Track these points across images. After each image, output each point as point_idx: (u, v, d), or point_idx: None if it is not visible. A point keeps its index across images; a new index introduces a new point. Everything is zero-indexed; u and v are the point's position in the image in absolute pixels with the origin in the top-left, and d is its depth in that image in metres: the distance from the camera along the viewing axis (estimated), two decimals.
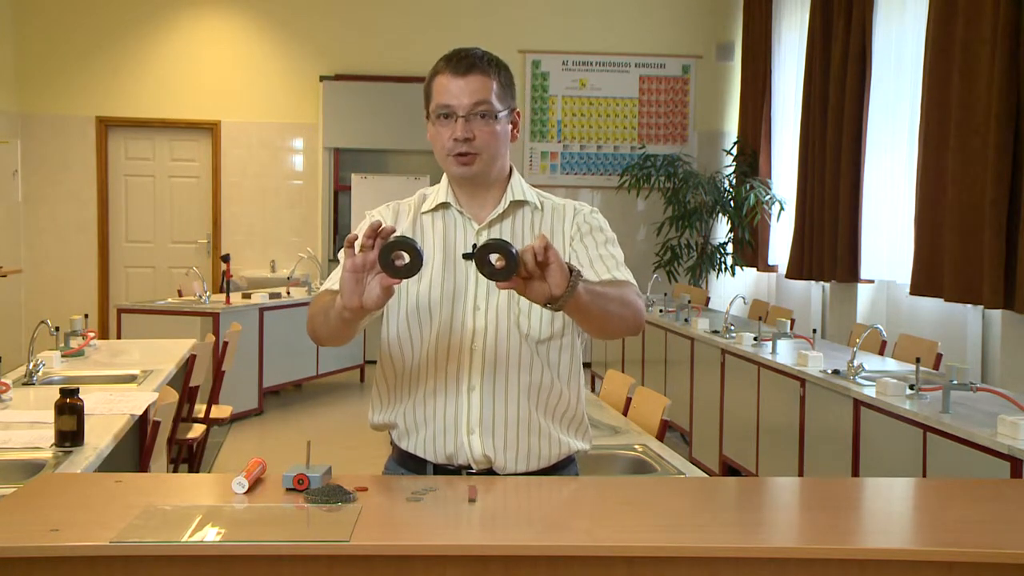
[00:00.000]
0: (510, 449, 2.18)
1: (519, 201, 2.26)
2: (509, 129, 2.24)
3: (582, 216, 2.27)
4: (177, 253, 9.82)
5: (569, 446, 2.25)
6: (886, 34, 6.96)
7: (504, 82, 2.23)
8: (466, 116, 2.15)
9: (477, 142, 2.16)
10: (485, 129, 2.17)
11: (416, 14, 9.77)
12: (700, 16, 10.11)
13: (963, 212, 5.64)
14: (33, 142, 9.45)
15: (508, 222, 2.24)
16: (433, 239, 2.24)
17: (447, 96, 2.16)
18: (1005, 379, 5.48)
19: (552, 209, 2.28)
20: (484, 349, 2.16)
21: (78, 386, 3.07)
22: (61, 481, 2.34)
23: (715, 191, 9.11)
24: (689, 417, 6.31)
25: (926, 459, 3.69)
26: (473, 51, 2.21)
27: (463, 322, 2.17)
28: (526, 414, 2.18)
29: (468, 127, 2.15)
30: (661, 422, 3.30)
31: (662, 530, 1.87)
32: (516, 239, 2.21)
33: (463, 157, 2.17)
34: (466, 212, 2.24)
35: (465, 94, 2.15)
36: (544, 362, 2.19)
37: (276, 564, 1.75)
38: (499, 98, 2.19)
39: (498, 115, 2.18)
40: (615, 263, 2.21)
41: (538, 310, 2.16)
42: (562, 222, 2.26)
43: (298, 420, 7.28)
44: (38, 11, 9.42)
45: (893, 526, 2.06)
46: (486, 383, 2.16)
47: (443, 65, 2.19)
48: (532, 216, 2.26)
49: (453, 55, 2.19)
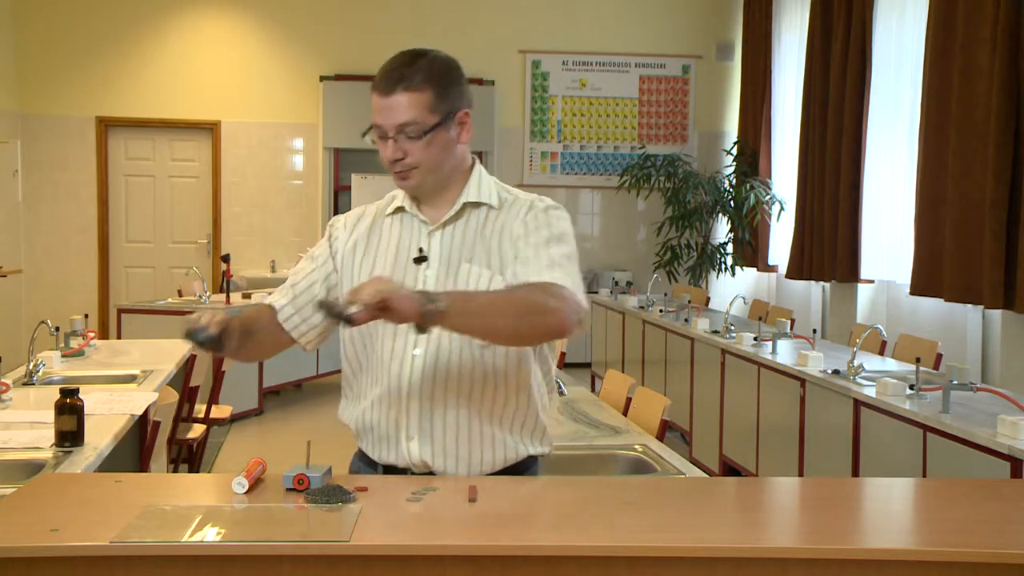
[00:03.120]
0: (449, 456, 2.16)
1: (474, 203, 2.19)
2: (454, 134, 2.14)
3: (533, 213, 2.17)
4: (177, 253, 9.82)
5: (517, 451, 2.20)
6: (886, 34, 6.96)
7: (442, 89, 2.12)
8: (394, 137, 2.10)
9: (409, 159, 2.11)
10: (415, 147, 2.10)
11: (416, 14, 9.76)
12: (700, 16, 10.11)
13: (963, 212, 5.64)
14: (33, 142, 9.45)
15: (460, 224, 2.18)
16: (388, 243, 2.22)
17: (376, 115, 2.11)
18: (1005, 379, 5.48)
19: (509, 207, 2.19)
20: (425, 355, 2.13)
21: (78, 386, 3.07)
22: (61, 481, 2.34)
23: (715, 191, 9.11)
24: (689, 417, 6.31)
25: (926, 459, 3.69)
26: (402, 64, 2.11)
27: (407, 328, 2.12)
28: (466, 421, 2.15)
29: (397, 147, 2.10)
30: (661, 422, 3.30)
31: (662, 530, 1.87)
32: (467, 241, 2.16)
33: (400, 174, 2.14)
34: (424, 214, 2.20)
35: (391, 115, 2.09)
36: (487, 368, 2.14)
37: (276, 564, 1.76)
38: (432, 110, 2.09)
39: (429, 132, 2.09)
40: (546, 264, 2.08)
41: None
42: (513, 220, 2.17)
43: (298, 420, 7.28)
44: (38, 11, 9.42)
45: (893, 526, 2.06)
46: (425, 389, 2.14)
47: (375, 80, 2.12)
48: (485, 217, 2.19)
49: (382, 69, 2.12)
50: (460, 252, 2.16)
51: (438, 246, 2.17)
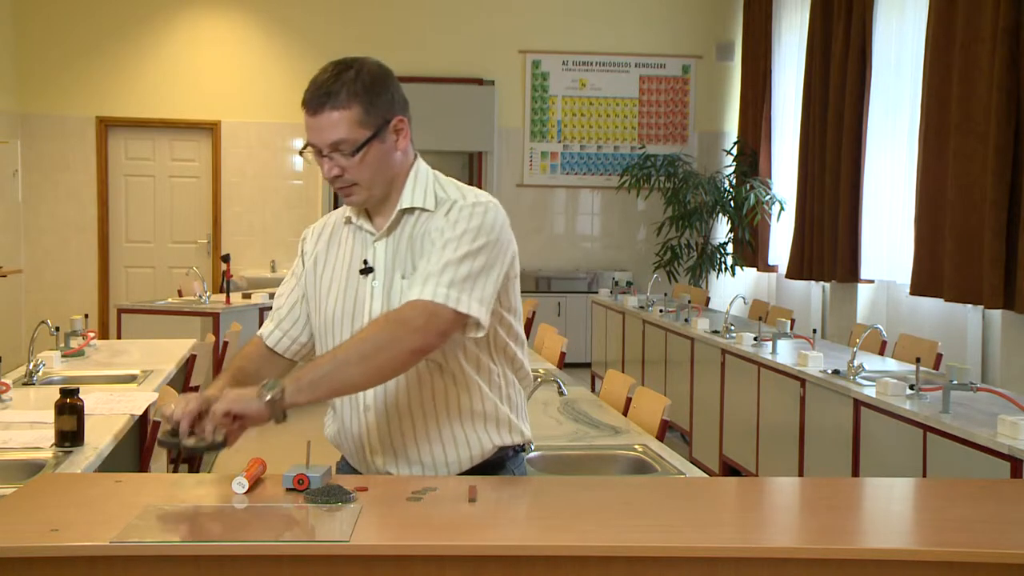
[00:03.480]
0: (414, 464, 2.17)
1: (408, 209, 2.15)
2: (390, 143, 2.11)
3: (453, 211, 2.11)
4: (177, 253, 9.81)
5: (483, 446, 2.18)
6: (886, 34, 6.96)
7: (369, 102, 2.07)
8: (328, 155, 2.08)
9: (347, 176, 2.09)
10: (351, 163, 2.08)
11: (416, 14, 9.76)
12: (700, 16, 10.11)
13: (963, 212, 5.63)
14: (33, 142, 9.45)
15: (398, 232, 2.16)
16: (341, 254, 2.22)
17: (308, 134, 2.10)
18: (1005, 379, 5.48)
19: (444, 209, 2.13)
20: None
21: (78, 386, 3.07)
22: (61, 481, 2.34)
23: (715, 191, 9.11)
24: (689, 417, 6.31)
25: (926, 459, 3.69)
26: (326, 81, 2.08)
27: None
28: (423, 426, 2.15)
29: (332, 164, 2.09)
30: (661, 422, 3.29)
31: (662, 530, 1.87)
32: (401, 249, 2.14)
33: (343, 190, 2.12)
34: (368, 224, 2.19)
35: (321, 134, 2.07)
36: (435, 371, 2.13)
37: (276, 564, 1.75)
38: (361, 124, 2.06)
39: (361, 148, 2.07)
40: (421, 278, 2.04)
41: None
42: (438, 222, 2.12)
43: (298, 420, 7.25)
44: (38, 11, 9.42)
45: (893, 526, 2.06)
46: (378, 401, 2.15)
47: (304, 97, 2.10)
48: (421, 222, 2.15)
49: (309, 87, 2.09)
50: (395, 263, 2.15)
51: (383, 256, 2.16)
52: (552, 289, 9.72)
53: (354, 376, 1.99)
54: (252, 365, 2.26)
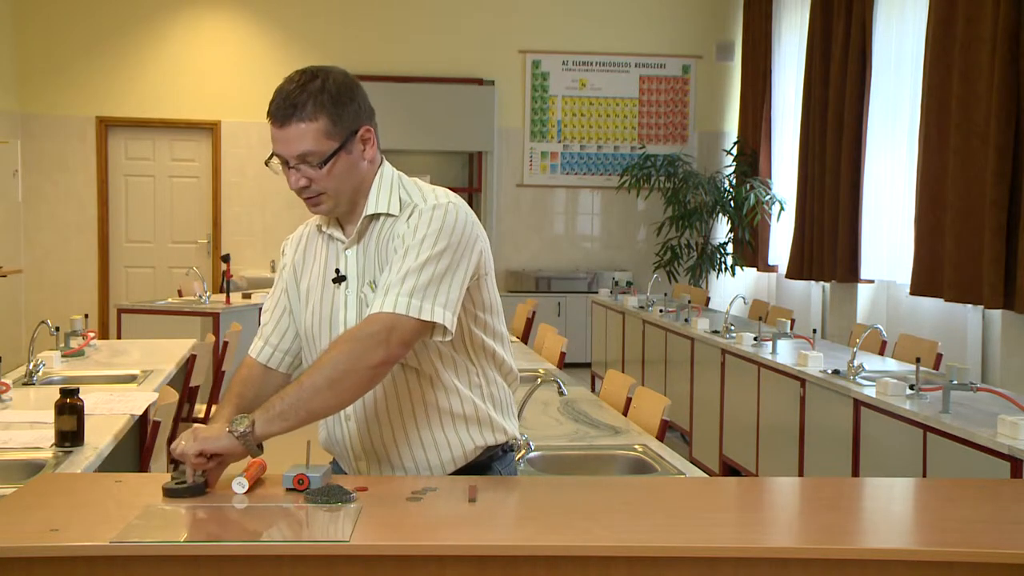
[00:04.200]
0: (397, 469, 2.18)
1: (373, 215, 2.14)
2: (357, 153, 2.10)
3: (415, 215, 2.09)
4: (177, 253, 9.81)
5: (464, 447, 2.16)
6: (886, 34, 6.96)
7: (335, 114, 2.05)
8: (295, 167, 2.08)
9: (315, 186, 2.08)
10: (319, 174, 2.07)
11: (416, 14, 9.76)
12: (700, 16, 10.11)
13: (963, 212, 5.63)
14: (33, 142, 9.45)
15: (366, 239, 2.15)
16: (317, 263, 2.23)
17: (275, 145, 2.10)
18: (1005, 379, 5.48)
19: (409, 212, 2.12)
20: None
21: (78, 386, 3.07)
22: (61, 481, 2.34)
23: (715, 191, 9.11)
24: (689, 417, 6.31)
25: (926, 459, 3.69)
26: (292, 92, 2.05)
27: None
28: (403, 432, 2.15)
29: (299, 176, 2.08)
30: (661, 422, 3.29)
31: (662, 530, 1.87)
32: (369, 256, 2.14)
33: (309, 201, 2.12)
34: (338, 232, 2.18)
35: (288, 145, 2.07)
36: (412, 375, 2.13)
37: (276, 564, 1.75)
38: (328, 135, 2.05)
39: (328, 159, 2.06)
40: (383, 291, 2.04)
41: None
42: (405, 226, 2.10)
43: None
44: (38, 11, 9.41)
45: (893, 526, 2.06)
46: (358, 410, 2.15)
47: (270, 107, 2.08)
48: (387, 227, 2.13)
49: (275, 98, 2.07)
50: (365, 270, 2.15)
51: (354, 263, 2.16)
52: (552, 289, 9.73)
53: (327, 401, 2.01)
54: (251, 390, 2.23)
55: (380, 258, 2.13)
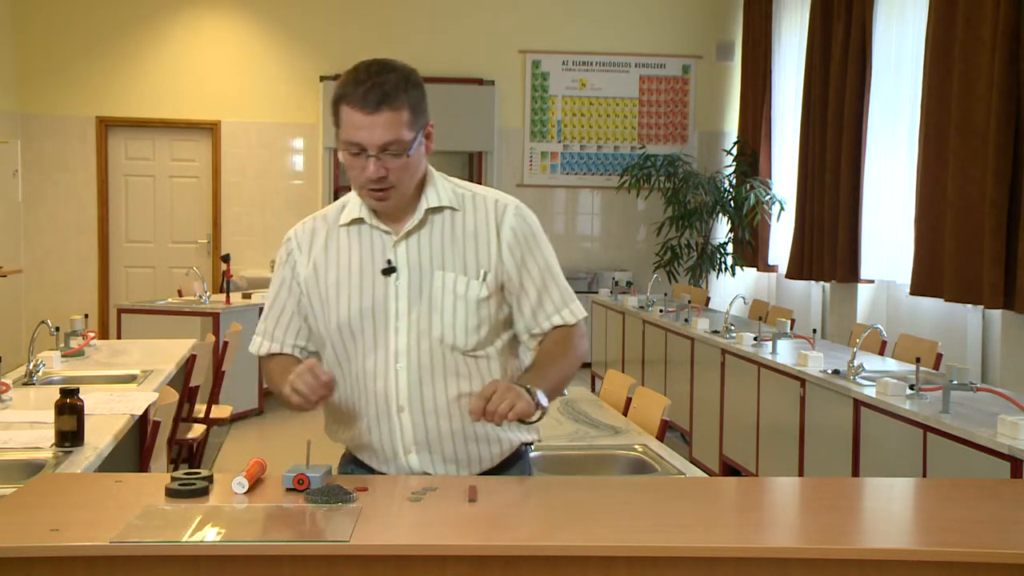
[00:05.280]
0: (449, 463, 2.18)
1: (435, 208, 2.17)
2: (423, 147, 2.12)
3: (512, 217, 2.17)
4: (177, 253, 9.81)
5: (511, 442, 2.23)
6: (886, 34, 6.96)
7: (415, 103, 2.08)
8: (377, 155, 2.06)
9: (391, 178, 2.08)
10: (397, 164, 2.07)
11: (416, 14, 9.76)
12: (700, 16, 10.11)
13: (963, 212, 5.63)
14: (33, 142, 9.45)
15: (425, 232, 2.16)
16: (349, 255, 2.19)
17: (356, 133, 2.04)
18: (1005, 379, 5.48)
19: (474, 207, 2.18)
20: (408, 368, 2.13)
21: (78, 386, 3.07)
22: (61, 481, 2.34)
23: (715, 191, 9.11)
24: (689, 417, 6.31)
25: (926, 459, 3.69)
26: (382, 79, 2.04)
27: (385, 342, 2.14)
28: (460, 426, 2.15)
29: (380, 165, 2.06)
30: (661, 422, 3.29)
31: (662, 530, 1.87)
32: (435, 247, 2.15)
33: (377, 193, 2.10)
34: (383, 224, 2.17)
35: (375, 133, 2.03)
36: (473, 371, 2.15)
37: (276, 564, 1.75)
38: (410, 126, 2.06)
39: (411, 148, 2.08)
40: (560, 299, 2.20)
41: (463, 320, 2.13)
42: (485, 222, 2.16)
43: (298, 420, 7.22)
44: (38, 11, 9.41)
45: (893, 526, 2.06)
46: (414, 402, 2.14)
47: (351, 92, 2.04)
48: (452, 220, 2.17)
49: (360, 81, 2.04)
50: (431, 260, 2.15)
51: (404, 256, 2.15)
52: None
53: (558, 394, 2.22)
54: None
55: (453, 251, 2.15)
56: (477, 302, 2.14)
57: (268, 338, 2.30)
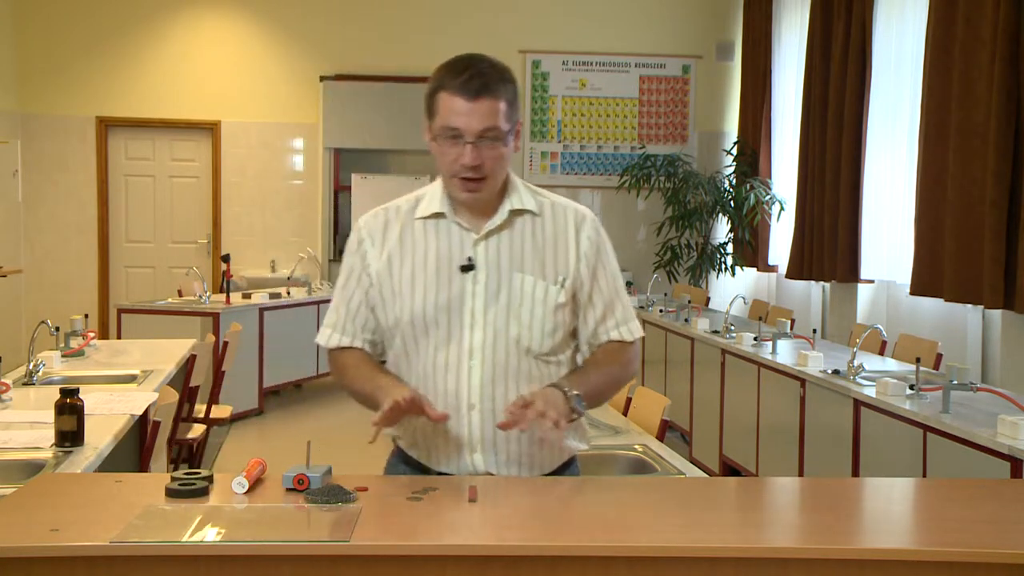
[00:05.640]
0: (512, 464, 2.18)
1: (518, 210, 2.19)
2: (513, 143, 2.17)
3: (591, 227, 2.22)
4: (177, 253, 9.81)
5: (570, 449, 2.26)
6: (886, 34, 6.96)
7: (511, 98, 2.14)
8: (475, 142, 2.08)
9: (485, 167, 2.10)
10: (493, 153, 2.10)
11: (416, 14, 9.76)
12: (700, 16, 10.11)
13: (963, 212, 5.63)
14: (33, 142, 9.45)
15: (506, 233, 2.18)
16: (426, 249, 2.18)
17: (455, 118, 2.07)
18: (1005, 379, 5.48)
19: (553, 213, 2.22)
20: (482, 366, 2.13)
21: (78, 386, 3.07)
22: (61, 481, 2.34)
23: (715, 191, 9.11)
24: (689, 417, 6.31)
25: (926, 459, 3.69)
26: (483, 69, 2.10)
27: (460, 337, 2.14)
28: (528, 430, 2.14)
29: (477, 153, 2.08)
30: (661, 422, 3.29)
31: (662, 530, 1.87)
32: (516, 249, 2.17)
33: (470, 183, 2.11)
34: (463, 222, 2.18)
35: (475, 119, 2.07)
36: (544, 376, 2.16)
37: (276, 564, 1.75)
38: (507, 118, 2.11)
39: (505, 139, 2.12)
40: (623, 315, 2.24)
41: (539, 323, 2.15)
42: (565, 229, 2.20)
43: (298, 420, 7.27)
44: (38, 11, 9.42)
45: (893, 526, 2.06)
46: (486, 401, 2.13)
47: (451, 80, 2.08)
48: (533, 224, 2.20)
49: (462, 69, 2.09)
50: (510, 261, 2.16)
51: (483, 254, 2.16)
52: None
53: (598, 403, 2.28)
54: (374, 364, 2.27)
55: (534, 255, 2.17)
56: (554, 307, 2.16)
57: (339, 331, 2.26)
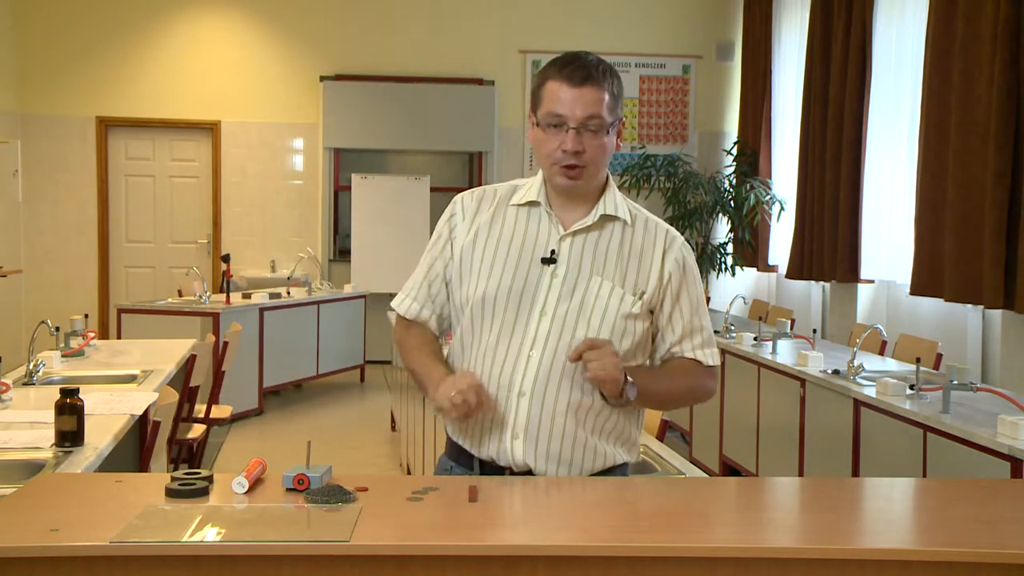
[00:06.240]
0: (551, 460, 2.16)
1: (609, 215, 2.21)
2: (614, 139, 2.18)
3: (679, 250, 2.24)
4: (177, 253, 9.82)
5: (614, 458, 2.23)
6: (886, 34, 6.96)
7: (615, 93, 2.16)
8: (577, 128, 2.11)
9: (586, 155, 2.13)
10: (594, 143, 2.13)
11: (416, 14, 9.76)
12: (700, 16, 10.11)
13: (963, 212, 5.63)
14: (33, 142, 9.45)
15: (594, 235, 2.20)
16: (513, 233, 2.21)
17: (559, 105, 2.11)
18: (1005, 379, 5.48)
19: (644, 227, 2.24)
20: (541, 357, 2.13)
21: (78, 386, 3.07)
22: (61, 481, 2.34)
23: (715, 191, 9.11)
24: (689, 417, 6.31)
25: (926, 459, 3.69)
26: (588, 59, 2.14)
27: (526, 325, 2.15)
28: (572, 428, 2.15)
29: (579, 139, 2.11)
30: (661, 422, 3.29)
31: (662, 530, 1.87)
32: (600, 253, 2.19)
33: (570, 170, 2.14)
34: (555, 216, 2.21)
35: (579, 105, 2.10)
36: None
37: (276, 564, 1.75)
38: (610, 110, 2.13)
39: (608, 128, 2.14)
40: (702, 341, 2.25)
41: (608, 330, 2.15)
42: (652, 244, 2.22)
43: (298, 420, 7.28)
44: (38, 11, 9.42)
45: (893, 526, 2.05)
46: (536, 391, 2.14)
47: (556, 71, 2.14)
48: (622, 232, 2.21)
49: (568, 62, 2.14)
50: (592, 262, 2.18)
51: (567, 251, 2.18)
52: None
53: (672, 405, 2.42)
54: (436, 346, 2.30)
55: (616, 262, 2.19)
56: (626, 317, 2.16)
57: (417, 299, 2.30)
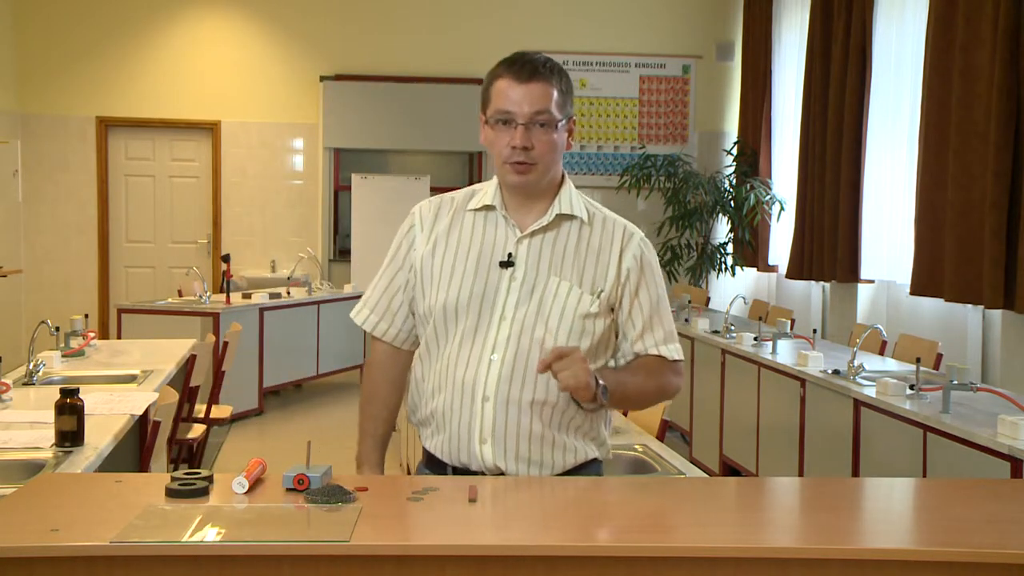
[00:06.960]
0: (521, 461, 2.17)
1: (566, 215, 2.22)
2: (564, 137, 2.19)
3: (637, 246, 2.24)
4: (177, 253, 9.81)
5: (585, 453, 2.24)
6: (886, 34, 6.96)
7: (564, 89, 2.18)
8: (526, 124, 2.12)
9: (535, 151, 2.14)
10: (544, 138, 2.14)
11: (416, 14, 9.75)
12: (700, 16, 10.11)
13: (963, 212, 5.63)
14: (33, 142, 9.45)
15: (551, 235, 2.21)
16: (471, 239, 2.22)
17: (507, 102, 2.13)
18: (1005, 379, 5.48)
19: (602, 225, 2.25)
20: (503, 362, 2.15)
21: (78, 386, 3.07)
22: (61, 481, 2.34)
23: (715, 191, 9.10)
24: (689, 417, 6.31)
25: (926, 459, 3.69)
26: (535, 57, 2.17)
27: (487, 330, 2.17)
28: (539, 428, 2.16)
29: (527, 135, 2.13)
30: (661, 422, 3.29)
31: (662, 530, 1.87)
32: (557, 253, 2.20)
33: (520, 166, 2.15)
34: (511, 218, 2.22)
35: (526, 102, 2.12)
36: None
37: (276, 564, 1.75)
38: (558, 107, 2.15)
39: (557, 124, 2.15)
40: (663, 336, 2.23)
41: (565, 331, 2.16)
42: (610, 242, 2.23)
43: (298, 420, 7.27)
44: (38, 11, 9.41)
45: (893, 526, 2.06)
46: (500, 394, 2.15)
47: (504, 70, 2.16)
48: (579, 231, 2.22)
49: (515, 60, 2.17)
50: (549, 263, 2.19)
51: (525, 253, 2.19)
52: None
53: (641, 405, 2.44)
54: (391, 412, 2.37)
55: (574, 262, 2.19)
56: (584, 316, 2.17)
57: (375, 311, 2.31)
